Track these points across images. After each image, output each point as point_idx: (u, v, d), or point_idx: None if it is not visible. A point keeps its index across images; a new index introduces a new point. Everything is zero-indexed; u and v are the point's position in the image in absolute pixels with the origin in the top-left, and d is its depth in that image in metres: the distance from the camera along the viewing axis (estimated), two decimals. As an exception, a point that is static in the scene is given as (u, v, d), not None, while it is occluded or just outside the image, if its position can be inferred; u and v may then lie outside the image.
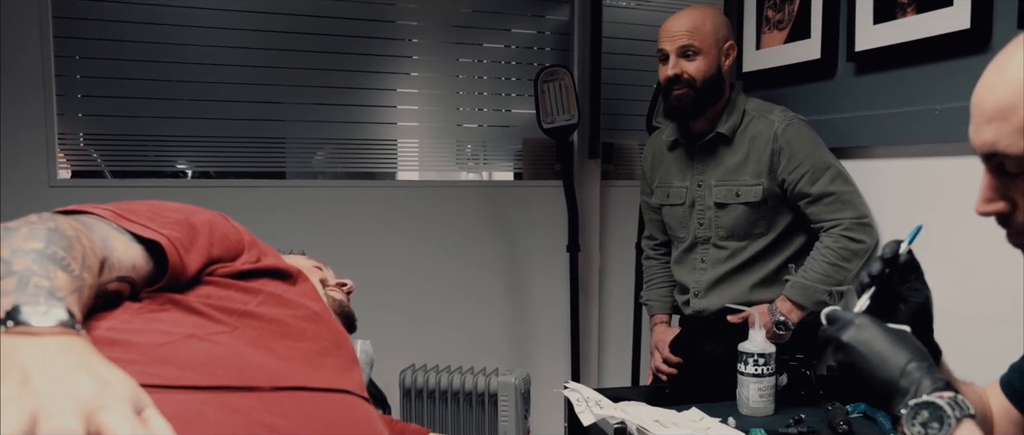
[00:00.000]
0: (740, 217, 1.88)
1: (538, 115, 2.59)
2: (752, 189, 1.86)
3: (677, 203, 1.99)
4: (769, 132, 1.85)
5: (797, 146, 1.83)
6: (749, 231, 1.89)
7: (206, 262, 0.91)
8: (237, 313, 0.88)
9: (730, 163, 1.89)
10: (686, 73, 1.83)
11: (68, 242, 0.72)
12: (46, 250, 0.69)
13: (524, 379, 2.57)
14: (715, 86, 1.86)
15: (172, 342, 0.78)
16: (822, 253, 1.81)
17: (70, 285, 0.68)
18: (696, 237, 1.96)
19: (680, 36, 1.83)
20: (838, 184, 1.82)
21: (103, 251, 0.78)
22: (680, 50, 1.84)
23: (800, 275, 1.82)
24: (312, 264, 1.30)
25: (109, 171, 2.52)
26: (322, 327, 0.96)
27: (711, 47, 1.84)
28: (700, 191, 1.94)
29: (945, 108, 1.65)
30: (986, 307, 1.59)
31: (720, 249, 1.93)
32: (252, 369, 0.81)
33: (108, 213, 0.85)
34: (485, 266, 2.86)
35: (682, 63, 1.84)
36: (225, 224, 0.99)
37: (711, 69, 1.84)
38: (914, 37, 1.70)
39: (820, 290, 1.79)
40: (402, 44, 2.77)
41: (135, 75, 2.45)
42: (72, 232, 0.74)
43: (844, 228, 1.80)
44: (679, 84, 1.84)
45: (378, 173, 2.82)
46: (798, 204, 1.86)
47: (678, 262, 2.05)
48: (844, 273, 1.79)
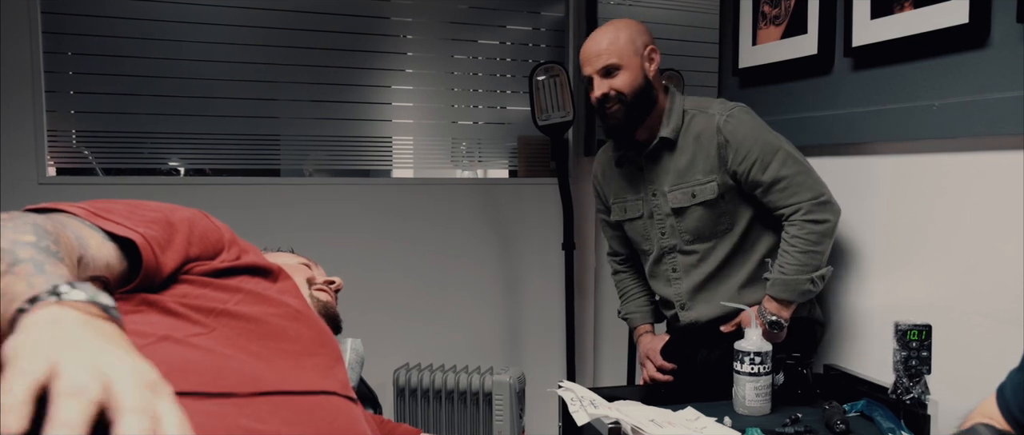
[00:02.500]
0: (701, 218, 1.86)
1: (533, 112, 2.57)
2: (706, 187, 1.83)
3: (636, 217, 1.97)
4: (711, 127, 1.83)
5: (742, 135, 1.82)
6: (713, 230, 1.87)
7: (183, 260, 0.89)
8: (214, 312, 0.85)
9: (679, 166, 1.87)
10: (613, 89, 1.83)
11: (54, 237, 0.70)
12: (40, 243, 0.67)
13: (519, 378, 2.55)
14: (646, 95, 1.85)
15: (146, 346, 0.76)
16: (792, 243, 1.79)
17: (67, 276, 0.66)
18: (661, 247, 1.94)
19: (598, 57, 1.83)
20: (789, 166, 1.80)
21: (79, 249, 0.76)
22: (602, 70, 1.83)
23: (778, 271, 1.80)
24: (299, 262, 1.28)
25: (101, 168, 2.50)
26: (304, 325, 0.94)
27: (631, 57, 1.83)
28: (655, 200, 1.92)
29: (944, 104, 1.63)
30: (986, 304, 1.58)
31: (688, 254, 1.90)
32: (229, 373, 0.79)
33: (81, 211, 0.83)
34: (480, 264, 2.85)
35: (607, 82, 1.83)
36: (205, 221, 0.97)
37: (637, 79, 1.83)
38: (912, 32, 1.68)
39: (802, 280, 1.77)
40: (397, 41, 2.75)
41: (128, 72, 2.44)
42: (51, 227, 0.72)
43: (805, 212, 1.79)
44: (609, 102, 1.84)
45: (373, 170, 2.80)
46: (754, 194, 1.84)
47: (651, 276, 2.02)
48: (819, 257, 1.78)
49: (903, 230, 1.78)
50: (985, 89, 1.54)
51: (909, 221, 1.77)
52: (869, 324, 1.88)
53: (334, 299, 1.23)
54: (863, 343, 1.90)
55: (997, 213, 1.54)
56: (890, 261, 1.82)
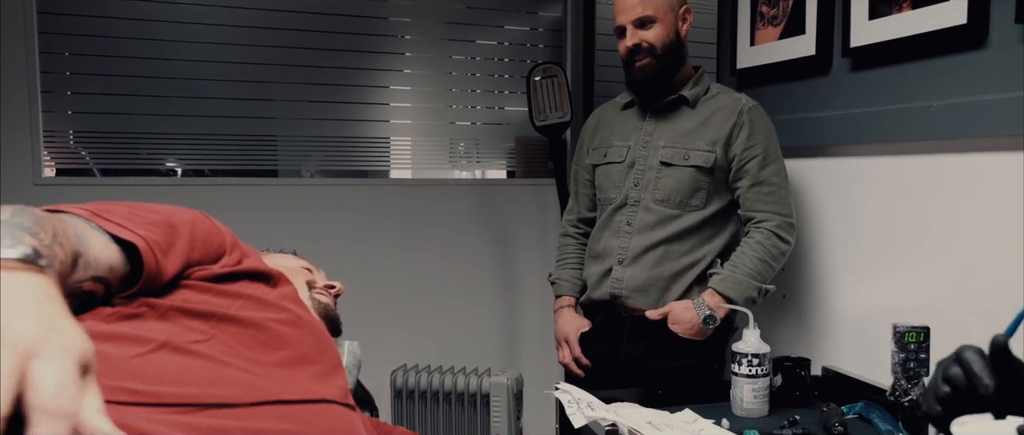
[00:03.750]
0: (683, 181, 1.84)
1: (531, 113, 2.56)
2: (704, 155, 1.83)
3: (615, 161, 1.94)
4: (735, 107, 1.85)
5: (758, 127, 1.84)
6: (686, 200, 1.85)
7: (185, 265, 0.88)
8: (215, 318, 0.85)
9: (685, 127, 1.87)
10: (646, 41, 1.83)
11: (36, 218, 0.68)
12: (12, 220, 0.64)
13: (516, 379, 2.55)
14: (676, 52, 1.86)
15: (145, 353, 0.75)
16: (753, 248, 1.80)
17: (39, 246, 0.63)
18: (627, 197, 1.90)
19: (635, 7, 1.83)
20: (781, 178, 1.85)
21: (77, 245, 0.74)
22: (637, 21, 1.83)
23: (729, 268, 1.80)
24: (301, 265, 1.28)
25: (98, 169, 2.49)
26: (303, 331, 0.94)
27: (667, 13, 1.84)
28: (643, 151, 1.90)
29: (942, 104, 1.63)
30: (982, 305, 1.58)
31: (649, 212, 1.87)
32: (228, 382, 0.78)
33: (85, 213, 0.82)
34: (478, 265, 2.84)
35: (640, 33, 1.83)
36: (207, 224, 0.96)
37: (670, 35, 1.84)
38: (910, 33, 1.67)
39: (751, 285, 1.78)
40: (395, 41, 2.75)
41: (125, 72, 2.43)
42: (42, 215, 0.70)
43: (776, 225, 1.81)
44: (640, 54, 1.84)
45: (371, 171, 2.80)
46: (737, 183, 1.84)
47: (603, 227, 1.95)
48: (771, 272, 1.81)
49: (900, 231, 1.78)
50: (983, 90, 1.54)
51: (906, 222, 1.76)
52: (866, 326, 1.88)
53: (334, 302, 1.23)
54: (861, 345, 1.90)
55: (995, 214, 1.54)
56: (887, 262, 1.82)
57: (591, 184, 2.05)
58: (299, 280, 1.18)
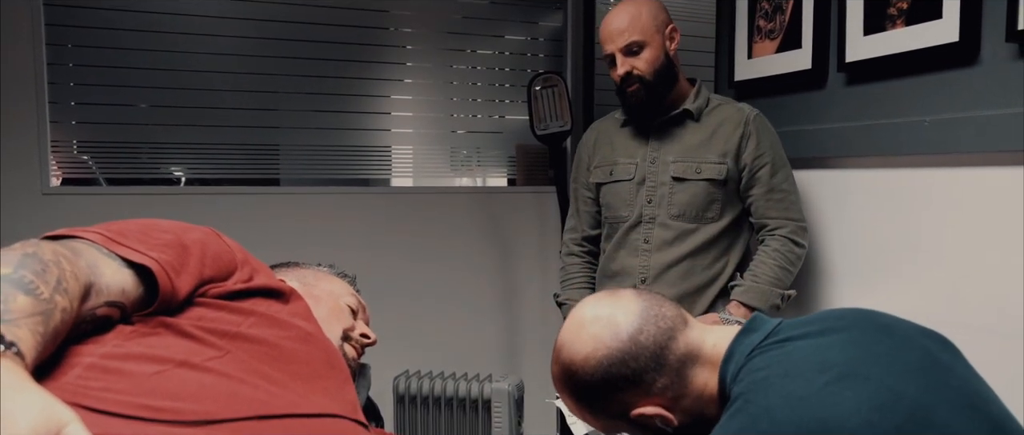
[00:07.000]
0: (698, 194, 1.85)
1: (531, 121, 2.59)
2: (716, 167, 1.84)
3: (624, 179, 1.93)
4: (740, 117, 1.87)
5: (765, 135, 1.87)
6: (702, 213, 1.85)
7: (198, 283, 0.91)
8: (229, 335, 0.88)
9: (692, 141, 1.87)
10: (636, 69, 1.83)
11: (42, 266, 0.72)
12: (13, 275, 0.69)
13: (518, 385, 2.57)
14: (667, 73, 1.86)
15: (164, 371, 0.78)
16: (772, 256, 1.82)
17: (31, 308, 0.68)
18: (642, 215, 1.89)
19: (621, 34, 1.82)
20: (790, 184, 1.87)
21: (89, 276, 0.78)
22: (625, 49, 1.83)
23: (750, 279, 1.82)
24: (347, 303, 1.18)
25: (103, 178, 2.52)
26: (314, 347, 0.97)
27: (654, 35, 1.83)
28: (653, 167, 1.89)
29: (934, 119, 1.66)
30: (975, 317, 1.61)
31: (666, 228, 1.87)
32: (242, 397, 0.81)
33: (98, 237, 0.85)
34: (479, 272, 2.87)
35: (630, 61, 1.83)
36: (217, 242, 0.99)
37: (659, 58, 1.84)
38: (904, 49, 1.71)
39: (774, 293, 1.80)
40: (396, 51, 2.77)
41: (129, 82, 2.45)
42: (51, 256, 0.74)
43: (790, 231, 1.84)
44: (631, 82, 1.84)
45: (372, 179, 2.82)
46: (749, 192, 1.86)
47: (619, 246, 1.94)
48: (790, 277, 1.83)
49: (894, 243, 1.81)
50: (975, 106, 1.57)
51: (900, 235, 1.79)
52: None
53: (360, 354, 1.20)
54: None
55: (986, 227, 1.57)
56: (880, 274, 1.85)
57: (593, 202, 2.05)
58: (336, 326, 1.13)
